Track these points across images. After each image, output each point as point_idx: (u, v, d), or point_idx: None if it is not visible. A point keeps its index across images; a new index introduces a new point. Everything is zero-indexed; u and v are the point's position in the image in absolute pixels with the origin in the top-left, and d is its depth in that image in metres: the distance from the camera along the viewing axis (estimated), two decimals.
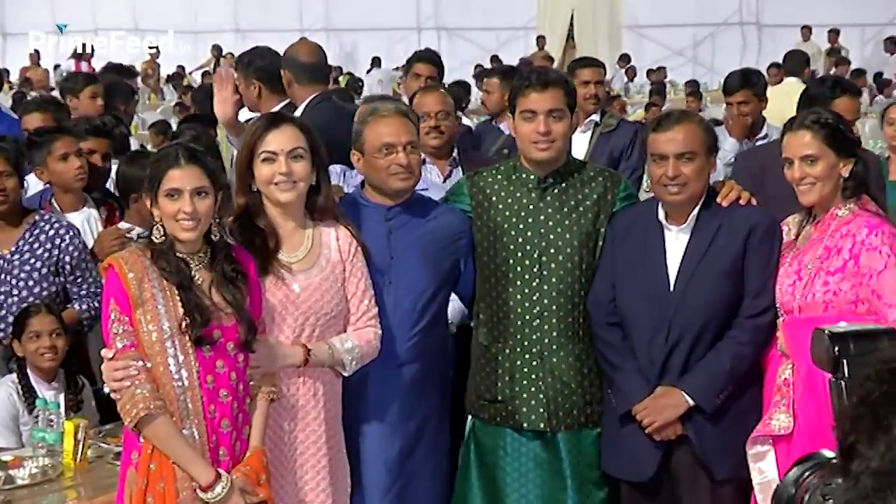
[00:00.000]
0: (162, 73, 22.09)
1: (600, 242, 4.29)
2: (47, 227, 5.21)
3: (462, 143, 5.82)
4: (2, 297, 5.14)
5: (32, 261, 5.16)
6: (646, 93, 18.48)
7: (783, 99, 7.38)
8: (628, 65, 21.40)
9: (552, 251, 4.26)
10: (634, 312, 4.19)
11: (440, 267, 4.28)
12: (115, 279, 3.56)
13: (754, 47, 24.35)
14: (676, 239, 4.19)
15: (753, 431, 4.02)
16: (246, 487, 3.59)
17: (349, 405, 4.10)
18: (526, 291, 4.27)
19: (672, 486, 4.21)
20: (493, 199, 4.34)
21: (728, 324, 4.14)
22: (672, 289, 4.15)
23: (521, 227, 4.28)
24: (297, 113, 5.48)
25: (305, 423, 3.93)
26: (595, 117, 6.75)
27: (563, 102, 4.24)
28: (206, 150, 3.92)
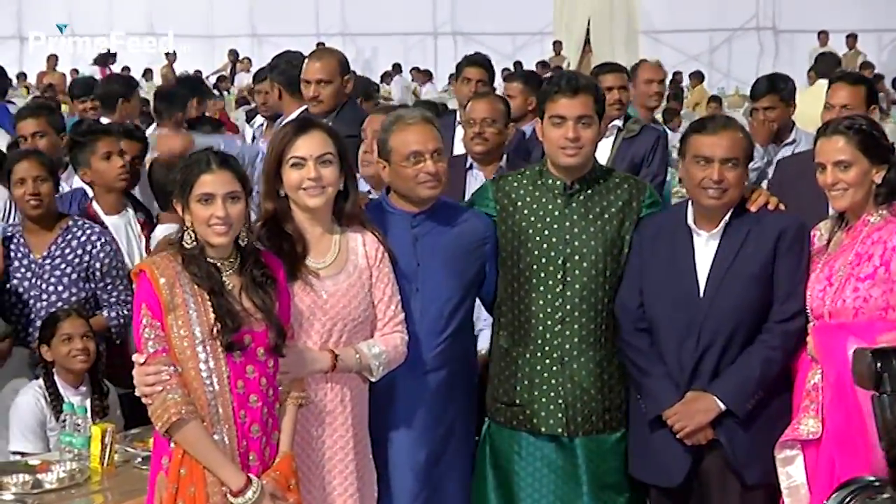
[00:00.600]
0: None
1: (625, 249, 4.29)
2: (80, 232, 5.24)
3: (519, 150, 5.86)
4: (32, 301, 5.16)
5: (63, 266, 5.18)
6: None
7: (815, 101, 7.36)
8: None
9: (576, 257, 4.26)
10: (664, 317, 4.19)
11: (466, 273, 4.28)
12: (147, 284, 3.57)
13: (771, 52, 24.35)
14: (706, 244, 4.19)
15: (782, 436, 4.01)
16: (276, 492, 3.60)
17: (376, 412, 4.10)
18: (549, 297, 4.27)
19: (702, 492, 4.20)
20: (519, 203, 4.34)
21: (758, 329, 4.13)
22: (702, 294, 4.15)
23: (546, 233, 4.28)
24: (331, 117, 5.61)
25: (333, 428, 3.94)
26: (618, 122, 6.74)
27: (592, 109, 4.24)
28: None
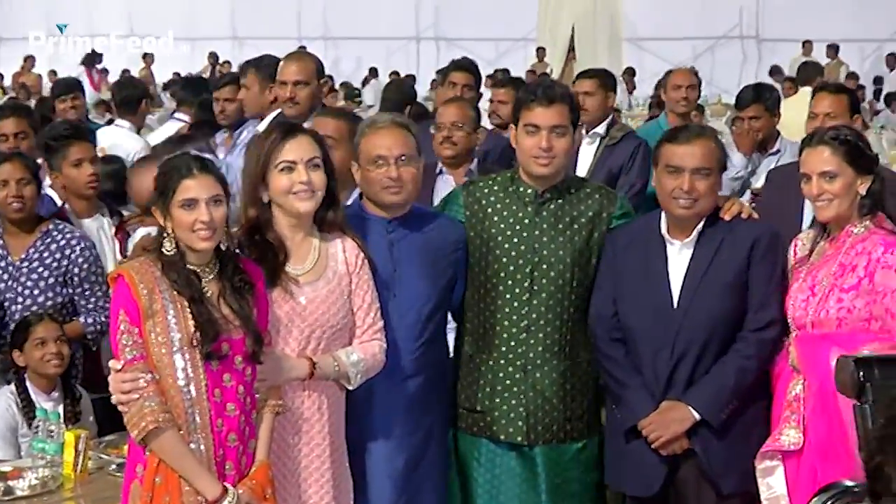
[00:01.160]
0: (158, 80, 22.07)
1: (593, 260, 4.31)
2: (59, 236, 5.21)
3: (504, 156, 5.89)
4: (8, 305, 5.14)
5: (41, 269, 5.15)
6: (646, 106, 18.47)
7: (799, 110, 7.39)
8: (633, 78, 21.43)
9: (544, 266, 4.27)
10: (638, 327, 4.20)
11: (441, 278, 4.29)
12: (125, 289, 3.54)
13: (754, 61, 24.43)
14: (679, 253, 4.21)
15: (763, 446, 4.04)
16: (252, 502, 3.59)
17: (354, 419, 4.09)
18: (515, 304, 4.28)
19: (678, 501, 4.23)
20: (489, 210, 4.35)
21: (732, 338, 4.15)
22: (676, 303, 4.16)
23: (514, 241, 4.30)
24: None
25: (310, 436, 3.92)
26: (601, 130, 6.74)
27: (567, 119, 4.26)
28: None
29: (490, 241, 4.31)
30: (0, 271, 5.18)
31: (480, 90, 7.26)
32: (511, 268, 4.28)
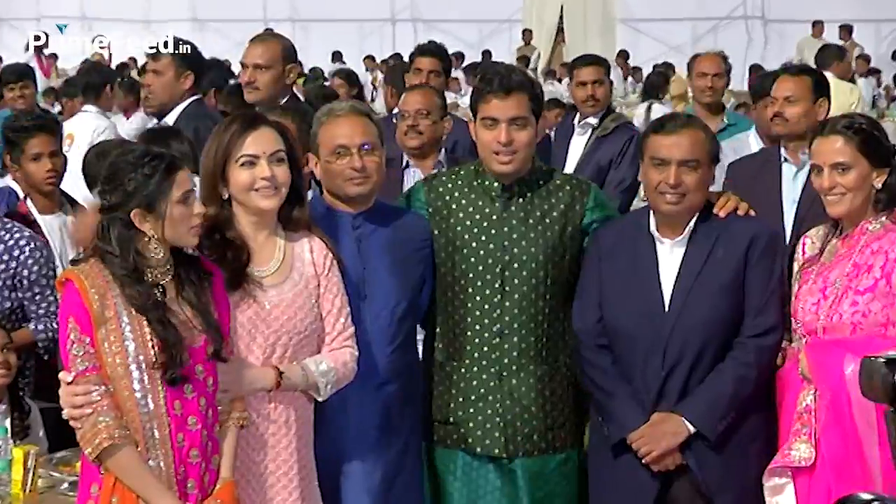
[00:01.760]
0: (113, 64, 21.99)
1: (567, 256, 4.32)
2: (7, 235, 5.17)
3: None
4: None
5: None
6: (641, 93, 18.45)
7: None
8: (627, 62, 21.43)
9: (515, 265, 4.29)
10: (626, 333, 4.20)
11: (412, 276, 4.31)
12: (75, 295, 3.51)
13: (760, 43, 24.43)
14: (671, 252, 4.21)
15: (771, 462, 4.03)
16: None
17: (326, 431, 4.10)
18: (486, 307, 4.30)
19: None
20: (453, 206, 4.37)
21: (729, 344, 4.15)
22: (668, 307, 4.16)
23: (482, 239, 4.31)
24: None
25: (276, 452, 3.91)
26: (593, 120, 6.77)
27: (527, 109, 4.28)
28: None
29: (456, 240, 4.33)
30: None
31: (452, 76, 7.25)
32: (480, 268, 4.30)
